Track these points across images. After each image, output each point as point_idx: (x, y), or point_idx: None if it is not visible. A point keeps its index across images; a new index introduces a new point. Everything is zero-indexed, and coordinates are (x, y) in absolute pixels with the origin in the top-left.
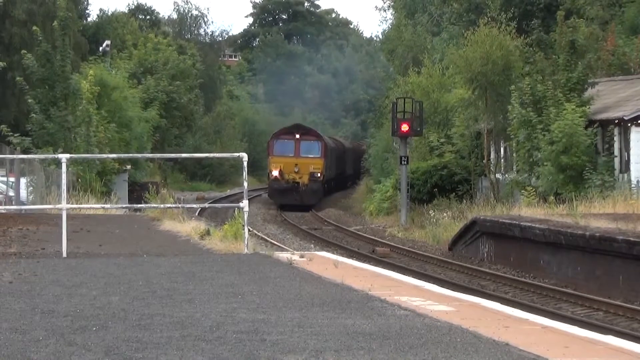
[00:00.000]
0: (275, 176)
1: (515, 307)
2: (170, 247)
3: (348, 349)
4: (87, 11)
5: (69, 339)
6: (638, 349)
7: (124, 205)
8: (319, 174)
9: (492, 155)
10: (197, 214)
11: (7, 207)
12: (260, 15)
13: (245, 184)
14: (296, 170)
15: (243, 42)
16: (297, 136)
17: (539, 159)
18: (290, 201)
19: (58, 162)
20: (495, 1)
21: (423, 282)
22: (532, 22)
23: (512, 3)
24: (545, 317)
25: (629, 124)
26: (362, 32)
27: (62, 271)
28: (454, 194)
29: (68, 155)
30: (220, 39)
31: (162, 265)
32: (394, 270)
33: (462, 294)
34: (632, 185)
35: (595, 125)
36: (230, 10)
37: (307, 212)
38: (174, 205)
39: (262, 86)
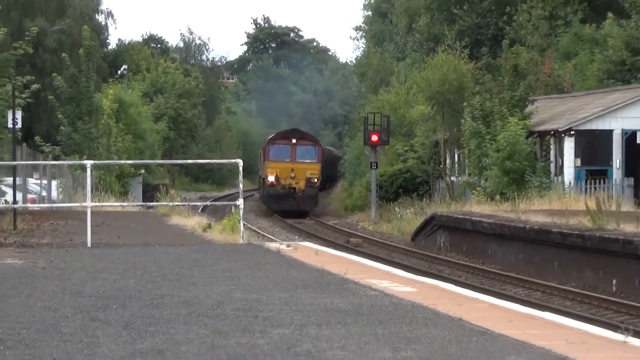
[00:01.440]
0: (272, 182)
1: (467, 289)
2: (178, 238)
3: (327, 324)
4: (107, 41)
5: (93, 315)
6: (570, 322)
7: (139, 204)
8: (315, 180)
9: (448, 161)
10: (200, 210)
11: (41, 205)
12: (253, 44)
13: (241, 185)
14: (292, 175)
15: (239, 66)
16: (294, 141)
17: (487, 164)
18: (286, 207)
19: (83, 167)
20: (451, 32)
21: (390, 267)
22: (482, 50)
23: (465, 33)
24: (492, 296)
25: (563, 135)
26: (338, 58)
27: (87, 259)
28: (415, 193)
29: (92, 162)
30: (220, 63)
31: (171, 254)
32: (365, 258)
33: (422, 277)
34: (565, 186)
35: (534, 136)
36: (228, 39)
37: (303, 218)
38: (180, 204)
39: (254, 103)
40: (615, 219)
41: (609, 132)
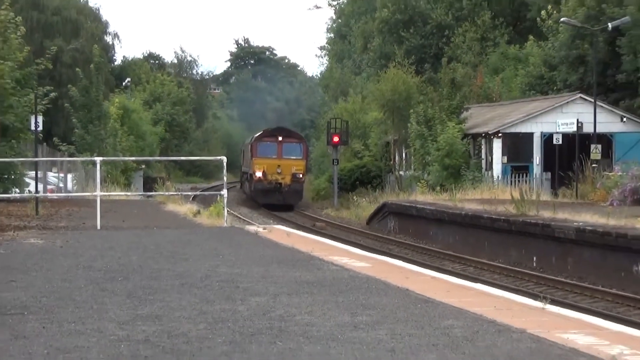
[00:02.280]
0: (259, 177)
1: (412, 264)
2: (172, 222)
3: (297, 293)
4: (114, 57)
5: (102, 286)
6: (498, 292)
7: (140, 193)
8: (300, 175)
9: (397, 158)
10: (191, 199)
11: (58, 194)
12: (235, 60)
13: (225, 178)
14: (279, 171)
15: (223, 79)
16: (280, 138)
17: (429, 160)
18: (273, 201)
19: (94, 163)
20: (400, 51)
21: (349, 246)
22: (425, 66)
23: (411, 52)
24: (433, 271)
25: (492, 137)
26: (306, 72)
27: (96, 239)
28: (370, 185)
29: (101, 158)
30: (207, 77)
31: (167, 235)
32: (328, 238)
33: (375, 254)
34: (494, 179)
35: (468, 137)
36: (214, 56)
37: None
38: (174, 193)
39: (236, 110)
40: (535, 207)
41: (530, 135)
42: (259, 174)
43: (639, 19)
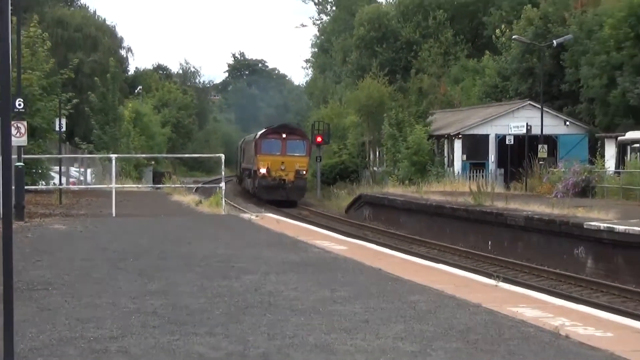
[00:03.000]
0: (263, 174)
1: (385, 247)
2: (177, 210)
3: (284, 272)
4: (127, 68)
5: (116, 265)
6: (458, 272)
7: (150, 186)
8: (304, 172)
9: (371, 156)
10: (194, 191)
11: (80, 186)
12: (232, 71)
13: (223, 173)
14: (282, 168)
15: (222, 87)
16: (284, 135)
17: (399, 158)
18: (276, 197)
19: (110, 159)
20: (374, 64)
21: (329, 232)
22: (396, 76)
23: (384, 65)
24: (403, 253)
25: (453, 138)
26: (293, 82)
27: (112, 225)
28: (348, 179)
29: (116, 155)
30: (208, 85)
31: (172, 222)
32: (312, 225)
33: (352, 239)
34: (455, 174)
35: (433, 138)
36: (214, 67)
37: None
38: (179, 185)
39: (233, 114)
40: (490, 198)
41: (486, 136)
42: (263, 170)
43: (580, 37)
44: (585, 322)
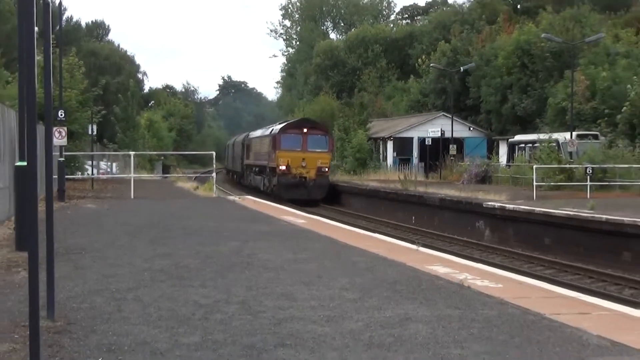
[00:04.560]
0: (283, 171)
1: (335, 221)
2: (180, 194)
3: (259, 240)
4: (143, 87)
5: (133, 235)
6: (389, 239)
7: (159, 175)
8: (326, 169)
9: None
10: (193, 179)
11: (107, 175)
12: (222, 89)
13: (214, 166)
14: (303, 164)
15: (214, 101)
16: (305, 130)
17: (346, 154)
18: (297, 196)
19: (129, 156)
20: (327, 84)
21: (293, 209)
22: (343, 94)
23: (334, 85)
24: (348, 226)
25: (387, 140)
26: (267, 97)
27: (130, 205)
28: None
29: (134, 152)
30: (204, 100)
31: (176, 202)
32: (280, 205)
33: (311, 215)
34: (388, 167)
35: (371, 140)
36: (208, 86)
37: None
38: (182, 175)
39: (223, 122)
40: (414, 184)
41: (411, 138)
42: (283, 167)
43: (480, 64)
44: (482, 277)
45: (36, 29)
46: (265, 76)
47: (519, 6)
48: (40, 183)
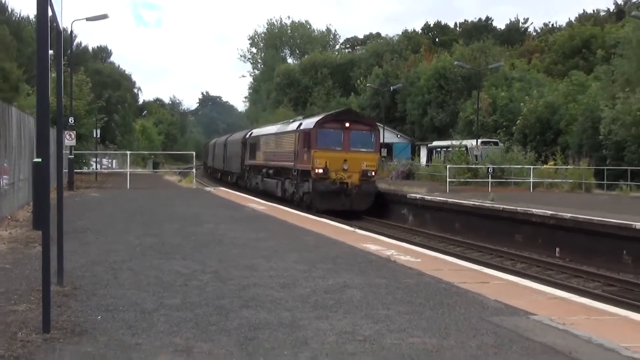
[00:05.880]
0: (319, 174)
1: (290, 208)
2: (167, 185)
3: (229, 223)
4: (138, 100)
5: (129, 219)
6: (333, 223)
7: (150, 170)
8: (372, 173)
9: None
10: (177, 174)
11: (108, 170)
12: (201, 102)
13: (194, 163)
14: (345, 167)
15: (195, 112)
16: (347, 125)
17: None
18: (337, 206)
19: (126, 154)
20: (285, 99)
21: (257, 198)
22: (298, 107)
23: (291, 100)
24: (300, 212)
25: None
26: (238, 109)
27: (127, 194)
28: None
29: (130, 152)
30: (186, 110)
31: (163, 192)
32: (249, 195)
33: (269, 202)
34: None
35: None
36: (191, 100)
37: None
38: (169, 170)
39: (202, 129)
40: None
41: None
42: (320, 170)
43: (406, 85)
44: (405, 253)
45: (51, 52)
46: (236, 92)
47: (437, 39)
48: (53, 176)
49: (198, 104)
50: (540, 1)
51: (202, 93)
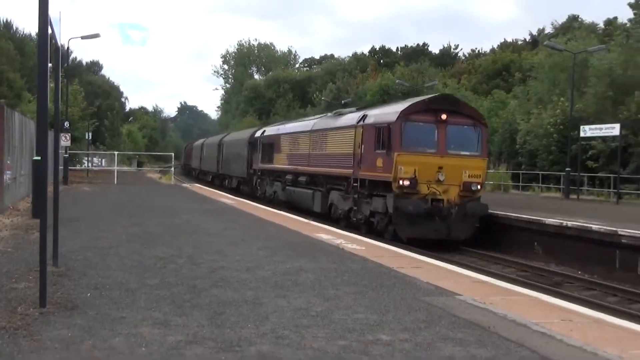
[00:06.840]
0: (405, 186)
1: (258, 204)
2: (149, 182)
3: (203, 214)
4: (125, 107)
5: (115, 211)
6: (292, 216)
7: (135, 168)
8: (478, 186)
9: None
10: (158, 172)
11: (99, 168)
12: (180, 110)
13: (172, 162)
14: (440, 178)
15: (174, 119)
16: (444, 117)
17: None
18: (428, 233)
19: (114, 155)
20: (251, 109)
21: (231, 195)
22: (263, 117)
23: (257, 111)
24: (266, 206)
25: None
26: (212, 117)
27: (114, 189)
28: None
29: (117, 152)
30: (167, 117)
31: (145, 188)
32: (221, 191)
33: (239, 197)
34: None
35: None
36: (171, 108)
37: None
38: (151, 168)
39: (180, 133)
40: None
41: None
42: (406, 182)
43: (355, 100)
44: (352, 242)
45: (50, 65)
46: (210, 102)
47: (382, 61)
48: (50, 172)
49: (177, 112)
50: (469, 30)
51: (181, 103)
